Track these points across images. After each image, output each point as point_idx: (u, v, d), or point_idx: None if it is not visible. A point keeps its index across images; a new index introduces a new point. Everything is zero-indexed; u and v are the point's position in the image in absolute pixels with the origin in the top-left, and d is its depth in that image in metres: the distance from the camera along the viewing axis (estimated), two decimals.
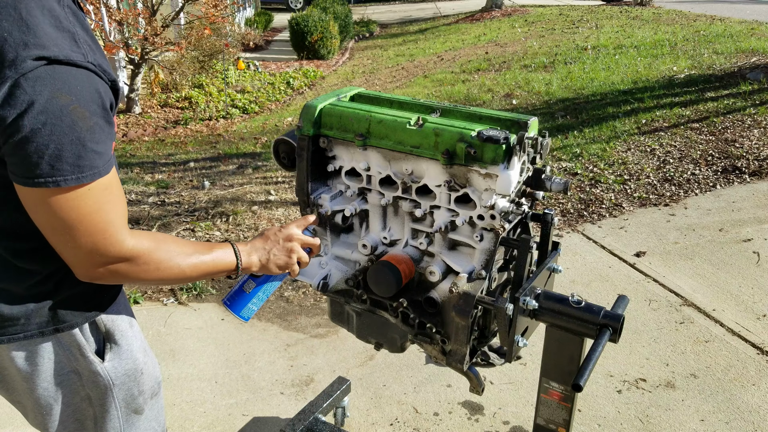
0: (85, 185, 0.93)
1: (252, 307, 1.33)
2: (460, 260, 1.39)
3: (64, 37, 0.93)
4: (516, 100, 6.83)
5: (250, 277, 1.34)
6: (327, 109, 1.45)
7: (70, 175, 0.91)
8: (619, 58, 8.07)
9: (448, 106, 1.45)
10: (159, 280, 1.08)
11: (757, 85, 6.02)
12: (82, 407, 1.19)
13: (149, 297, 3.19)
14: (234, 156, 6.13)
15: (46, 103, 0.88)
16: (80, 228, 0.96)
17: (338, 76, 11.21)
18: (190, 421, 2.33)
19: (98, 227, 0.97)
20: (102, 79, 0.95)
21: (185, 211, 4.17)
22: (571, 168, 4.70)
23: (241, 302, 1.33)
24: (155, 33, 8.15)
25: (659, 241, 3.62)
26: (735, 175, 4.43)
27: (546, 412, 1.51)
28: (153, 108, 9.16)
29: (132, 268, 1.03)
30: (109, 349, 1.17)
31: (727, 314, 2.90)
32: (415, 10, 20.52)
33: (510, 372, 2.55)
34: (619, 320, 1.31)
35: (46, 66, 0.89)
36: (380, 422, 2.33)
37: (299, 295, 3.21)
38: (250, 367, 2.65)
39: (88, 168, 0.93)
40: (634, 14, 12.35)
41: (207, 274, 1.15)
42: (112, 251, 0.99)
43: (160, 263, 1.06)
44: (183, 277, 1.11)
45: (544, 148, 1.37)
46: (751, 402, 2.36)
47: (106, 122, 0.95)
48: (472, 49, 10.89)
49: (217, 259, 1.16)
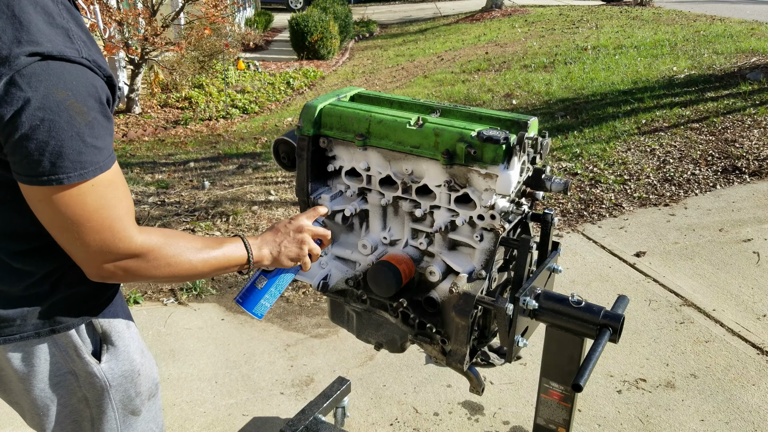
0: (87, 181, 0.92)
1: (265, 303, 1.31)
2: (460, 260, 1.39)
3: (58, 33, 0.92)
4: (516, 100, 6.83)
5: (262, 272, 1.32)
6: (327, 109, 1.45)
7: (72, 172, 0.91)
8: (619, 58, 8.07)
9: (448, 106, 1.45)
10: (170, 276, 1.07)
11: (757, 85, 6.02)
12: (79, 408, 1.18)
13: (149, 297, 3.19)
14: (234, 156, 6.13)
15: (42, 99, 0.87)
16: (86, 225, 0.95)
17: (338, 76, 11.21)
18: (190, 421, 2.33)
19: (105, 224, 0.96)
20: (97, 74, 0.95)
21: (185, 211, 4.17)
22: (571, 168, 4.70)
23: (254, 299, 1.30)
24: (155, 33, 8.15)
25: (659, 241, 3.62)
26: (735, 175, 4.43)
27: (546, 412, 1.51)
28: (153, 108, 9.16)
29: (142, 264, 1.02)
30: (106, 351, 1.17)
31: (727, 314, 2.90)
32: (415, 10, 20.52)
33: (510, 372, 2.55)
34: (619, 320, 1.31)
35: (40, 62, 0.88)
36: (380, 422, 2.33)
37: (299, 295, 3.21)
38: (250, 367, 2.65)
39: (89, 164, 0.92)
40: (634, 14, 12.35)
41: (218, 268, 1.14)
42: (121, 247, 0.98)
43: (171, 259, 1.05)
44: (194, 272, 1.09)
45: (544, 148, 1.37)
46: (751, 402, 2.36)
47: (104, 117, 0.95)
48: (472, 49, 10.89)
49: (228, 253, 1.15)
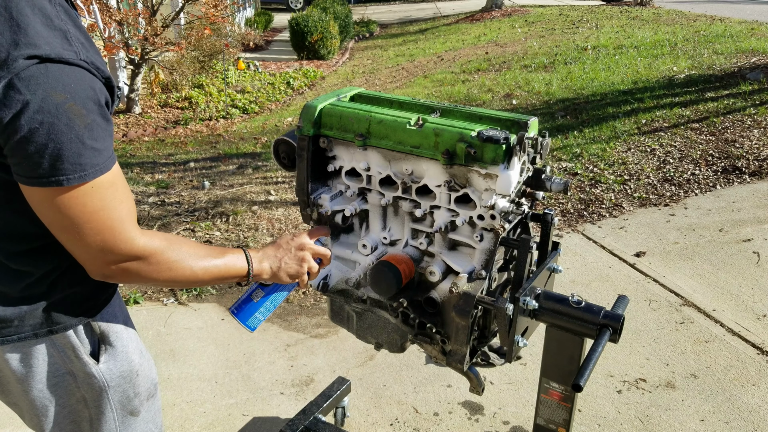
0: (87, 183, 0.93)
1: (259, 316, 1.33)
2: (460, 260, 1.39)
3: (56, 35, 0.93)
4: (516, 100, 6.83)
5: (259, 285, 1.33)
6: (327, 109, 1.45)
7: (72, 174, 0.91)
8: (619, 58, 8.07)
9: (448, 106, 1.45)
10: (171, 280, 1.08)
11: (757, 85, 6.02)
12: (77, 409, 1.18)
13: (149, 297, 3.19)
14: (234, 156, 6.13)
15: (41, 102, 0.88)
16: (88, 226, 0.95)
17: (338, 77, 11.21)
18: (190, 422, 2.33)
19: (105, 225, 0.97)
20: (95, 76, 0.95)
21: (185, 211, 4.17)
22: (571, 168, 4.70)
23: (249, 311, 1.32)
24: (155, 33, 8.15)
25: (659, 241, 3.62)
26: (735, 175, 4.43)
27: (546, 412, 1.51)
28: (153, 108, 9.16)
29: (144, 266, 1.02)
30: (104, 351, 1.17)
31: (727, 314, 2.90)
32: (415, 10, 20.52)
33: (510, 372, 2.55)
34: (619, 320, 1.31)
35: (39, 65, 0.89)
36: (380, 422, 2.33)
37: (299, 295, 3.21)
38: (250, 367, 2.65)
39: (89, 166, 0.92)
40: (634, 14, 12.35)
41: (218, 278, 1.15)
42: (123, 249, 0.99)
43: (172, 263, 1.05)
44: (194, 279, 1.10)
45: (544, 148, 1.37)
46: (751, 402, 2.36)
47: (103, 119, 0.95)
48: (472, 49, 10.89)
49: (229, 264, 1.16)
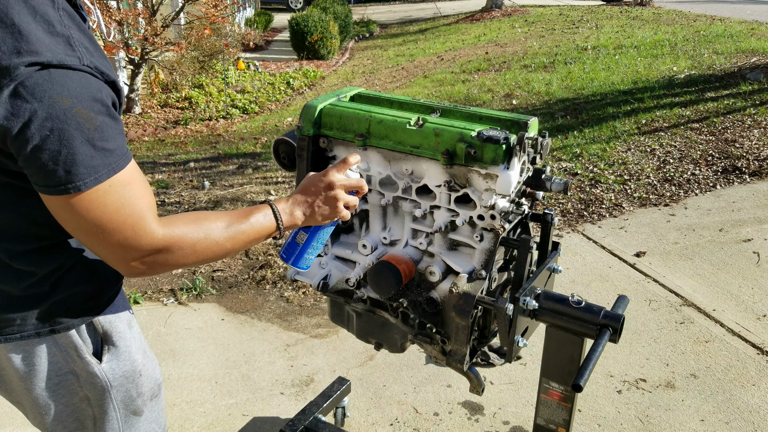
0: (103, 183, 0.93)
1: (308, 257, 1.29)
2: (460, 260, 1.40)
3: (58, 41, 0.92)
4: (516, 100, 6.83)
5: (301, 228, 1.28)
6: (327, 109, 1.46)
7: (87, 178, 0.91)
8: (619, 58, 8.07)
9: (448, 106, 1.45)
10: (200, 261, 1.06)
11: (757, 85, 6.02)
12: (81, 407, 1.19)
13: (149, 297, 3.19)
14: (234, 156, 6.13)
15: (49, 108, 0.87)
16: (109, 227, 0.95)
17: (338, 77, 11.21)
18: (190, 422, 2.34)
19: (127, 222, 0.96)
20: (100, 80, 0.95)
21: (185, 211, 4.17)
22: (571, 168, 4.70)
23: (298, 255, 1.29)
24: (155, 33, 8.14)
25: (659, 241, 3.62)
26: (735, 175, 4.43)
27: (546, 412, 1.51)
28: (153, 108, 9.16)
29: (169, 257, 1.02)
30: (107, 351, 1.17)
31: (727, 314, 2.90)
32: (415, 10, 20.52)
33: (510, 372, 2.55)
34: (619, 320, 1.31)
35: (41, 71, 0.88)
36: (380, 422, 2.33)
37: (299, 295, 3.21)
38: (250, 367, 2.65)
39: (102, 167, 0.92)
40: (634, 14, 12.35)
41: (248, 242, 1.12)
42: (144, 244, 0.98)
43: (197, 245, 1.04)
44: (223, 251, 1.08)
45: (544, 148, 1.37)
46: (751, 402, 2.36)
47: (112, 119, 0.95)
48: (472, 49, 10.89)
49: (256, 224, 1.12)
